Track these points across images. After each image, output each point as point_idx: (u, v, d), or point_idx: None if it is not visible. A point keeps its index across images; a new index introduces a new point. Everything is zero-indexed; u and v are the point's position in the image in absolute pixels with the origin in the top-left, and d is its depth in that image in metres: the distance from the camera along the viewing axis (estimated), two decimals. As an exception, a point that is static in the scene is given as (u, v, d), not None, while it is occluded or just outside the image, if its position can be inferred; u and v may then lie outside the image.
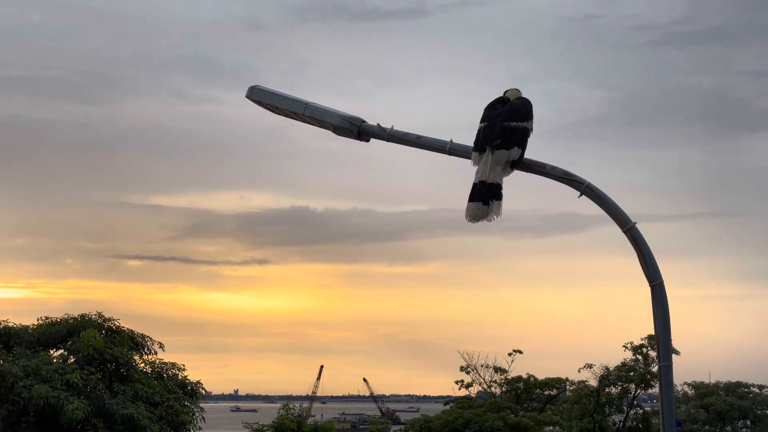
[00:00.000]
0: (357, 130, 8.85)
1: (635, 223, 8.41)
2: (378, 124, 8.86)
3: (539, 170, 8.77)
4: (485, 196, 8.40)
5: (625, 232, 8.41)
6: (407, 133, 8.85)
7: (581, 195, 8.55)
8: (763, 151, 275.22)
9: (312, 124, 9.06)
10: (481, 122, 8.74)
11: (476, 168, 8.54)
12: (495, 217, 8.44)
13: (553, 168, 8.72)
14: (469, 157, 8.66)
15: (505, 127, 8.57)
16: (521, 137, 8.57)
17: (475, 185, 8.46)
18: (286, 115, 9.11)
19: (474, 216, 8.42)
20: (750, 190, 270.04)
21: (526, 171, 8.79)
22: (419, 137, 8.85)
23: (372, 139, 8.95)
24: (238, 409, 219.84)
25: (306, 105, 8.89)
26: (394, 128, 8.85)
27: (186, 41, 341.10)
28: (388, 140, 8.86)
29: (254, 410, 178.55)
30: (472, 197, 8.44)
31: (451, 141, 8.81)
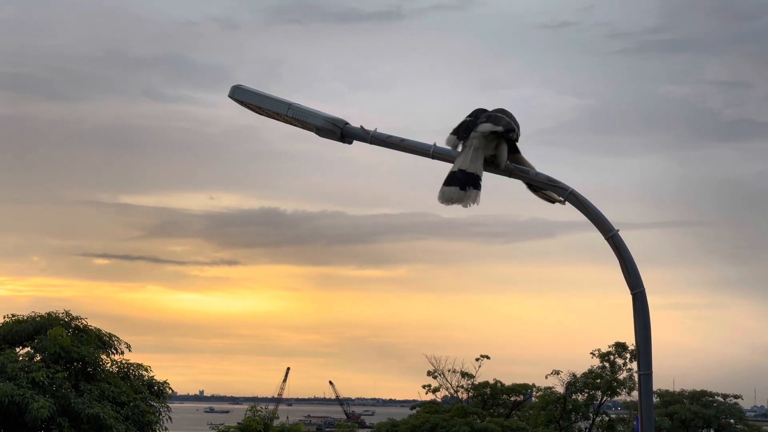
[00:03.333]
0: (340, 132, 8.79)
1: (618, 230, 8.39)
2: (361, 126, 8.82)
3: (522, 176, 8.70)
4: (463, 183, 8.07)
5: (607, 239, 8.37)
6: (390, 136, 8.79)
7: (564, 201, 8.50)
8: (731, 161, 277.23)
9: (295, 125, 9.01)
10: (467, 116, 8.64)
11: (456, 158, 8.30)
12: (471, 204, 8.11)
13: (537, 174, 8.66)
14: (452, 161, 8.49)
15: (493, 112, 8.42)
16: (507, 127, 8.27)
17: (453, 172, 8.19)
18: (269, 116, 9.05)
19: (449, 199, 8.08)
20: (718, 199, 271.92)
21: (510, 176, 8.71)
22: (402, 140, 8.79)
23: (343, 143, 8.91)
24: (212, 410, 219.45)
25: (289, 106, 8.84)
26: (377, 130, 8.81)
27: (159, 40, 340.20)
28: (371, 143, 8.81)
29: (227, 411, 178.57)
30: (449, 182, 8.12)
31: (435, 145, 8.73)
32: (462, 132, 8.39)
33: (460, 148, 8.36)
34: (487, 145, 8.28)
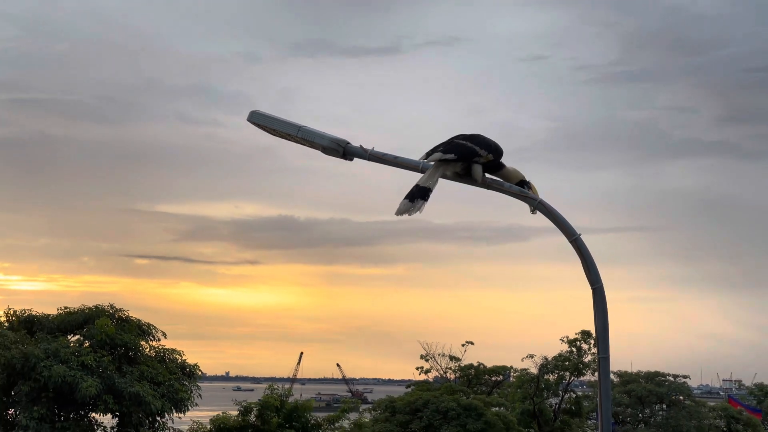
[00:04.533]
0: (343, 150, 8.80)
1: (580, 234, 8.40)
2: (361, 145, 8.82)
3: (497, 187, 8.75)
4: (413, 195, 8.37)
5: (571, 242, 8.39)
6: (386, 154, 8.81)
7: (534, 210, 8.52)
8: (680, 175, 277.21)
9: (304, 145, 9.01)
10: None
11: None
12: (415, 213, 8.37)
13: (510, 186, 8.70)
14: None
15: (452, 140, 8.61)
16: (464, 151, 8.52)
17: (412, 187, 8.47)
18: (282, 137, 9.05)
19: (399, 210, 8.39)
20: (669, 208, 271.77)
21: (486, 188, 8.76)
22: (396, 158, 8.82)
23: (355, 159, 8.92)
24: (239, 389, 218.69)
25: (299, 128, 8.84)
26: (375, 149, 8.83)
27: (191, 71, 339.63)
28: (369, 159, 8.82)
29: (252, 389, 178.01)
30: (406, 195, 8.43)
31: (423, 161, 8.78)
32: (434, 149, 8.65)
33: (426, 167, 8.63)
34: (446, 166, 8.58)
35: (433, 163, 8.62)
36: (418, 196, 8.37)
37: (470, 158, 8.54)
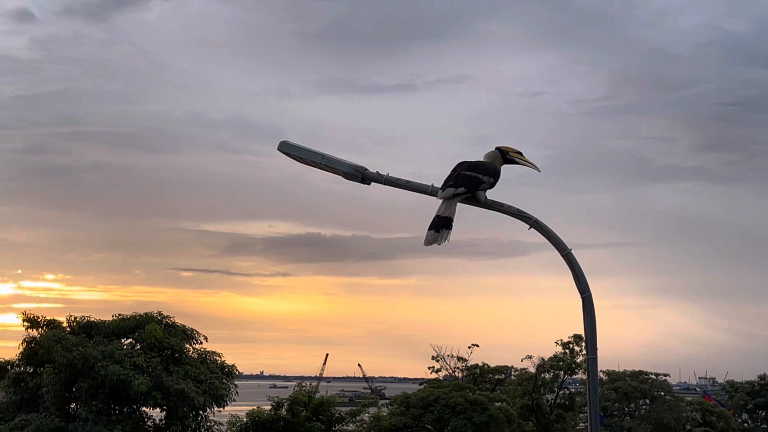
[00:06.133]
0: (361, 175, 8.80)
1: (571, 249, 8.36)
2: (377, 171, 8.81)
3: (498, 208, 8.73)
4: (438, 226, 8.34)
5: (563, 256, 8.35)
6: (399, 179, 8.81)
7: (530, 227, 8.49)
8: (661, 197, 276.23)
9: (327, 171, 9.01)
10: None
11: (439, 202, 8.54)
12: (444, 241, 8.37)
13: (509, 207, 8.68)
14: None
15: (460, 173, 8.58)
16: (472, 184, 8.51)
17: (434, 218, 8.42)
18: (307, 164, 9.05)
19: (427, 241, 8.35)
20: (651, 226, 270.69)
21: (488, 208, 8.74)
22: (408, 182, 8.82)
23: (372, 183, 8.91)
24: (275, 386, 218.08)
25: (323, 156, 8.85)
26: (390, 174, 8.82)
27: (230, 106, 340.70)
28: (384, 183, 8.82)
29: (286, 387, 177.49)
30: (430, 227, 8.38)
31: (432, 185, 8.77)
32: (446, 183, 8.64)
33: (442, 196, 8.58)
34: (458, 195, 8.54)
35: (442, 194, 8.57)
36: (442, 225, 8.35)
37: (477, 188, 8.56)
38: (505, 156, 8.88)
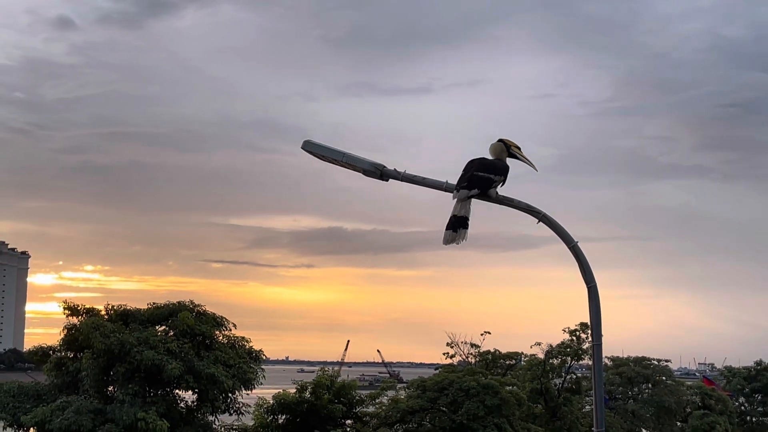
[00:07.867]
0: (380, 172, 8.82)
1: (577, 242, 8.35)
2: (395, 168, 8.82)
3: (508, 203, 8.73)
4: (455, 225, 8.37)
5: (570, 248, 8.34)
6: (415, 176, 8.82)
7: (539, 221, 8.49)
8: (664, 194, 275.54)
9: (348, 168, 9.02)
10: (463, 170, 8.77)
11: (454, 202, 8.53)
12: (462, 240, 8.38)
13: (519, 202, 8.68)
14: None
15: (472, 174, 8.58)
16: (484, 184, 8.50)
17: (450, 217, 8.43)
18: (330, 162, 9.07)
19: (446, 240, 8.37)
20: (654, 221, 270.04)
21: (498, 204, 8.74)
22: (424, 179, 8.83)
23: (391, 180, 8.92)
24: (302, 371, 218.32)
25: (344, 154, 8.86)
26: (407, 172, 8.83)
27: (258, 108, 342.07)
28: (402, 180, 8.83)
29: (312, 371, 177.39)
30: (447, 227, 8.40)
31: (447, 182, 8.78)
32: (460, 184, 8.66)
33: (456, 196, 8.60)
34: (469, 196, 8.56)
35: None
36: (459, 225, 8.38)
37: (489, 187, 8.58)
38: (509, 149, 8.90)
